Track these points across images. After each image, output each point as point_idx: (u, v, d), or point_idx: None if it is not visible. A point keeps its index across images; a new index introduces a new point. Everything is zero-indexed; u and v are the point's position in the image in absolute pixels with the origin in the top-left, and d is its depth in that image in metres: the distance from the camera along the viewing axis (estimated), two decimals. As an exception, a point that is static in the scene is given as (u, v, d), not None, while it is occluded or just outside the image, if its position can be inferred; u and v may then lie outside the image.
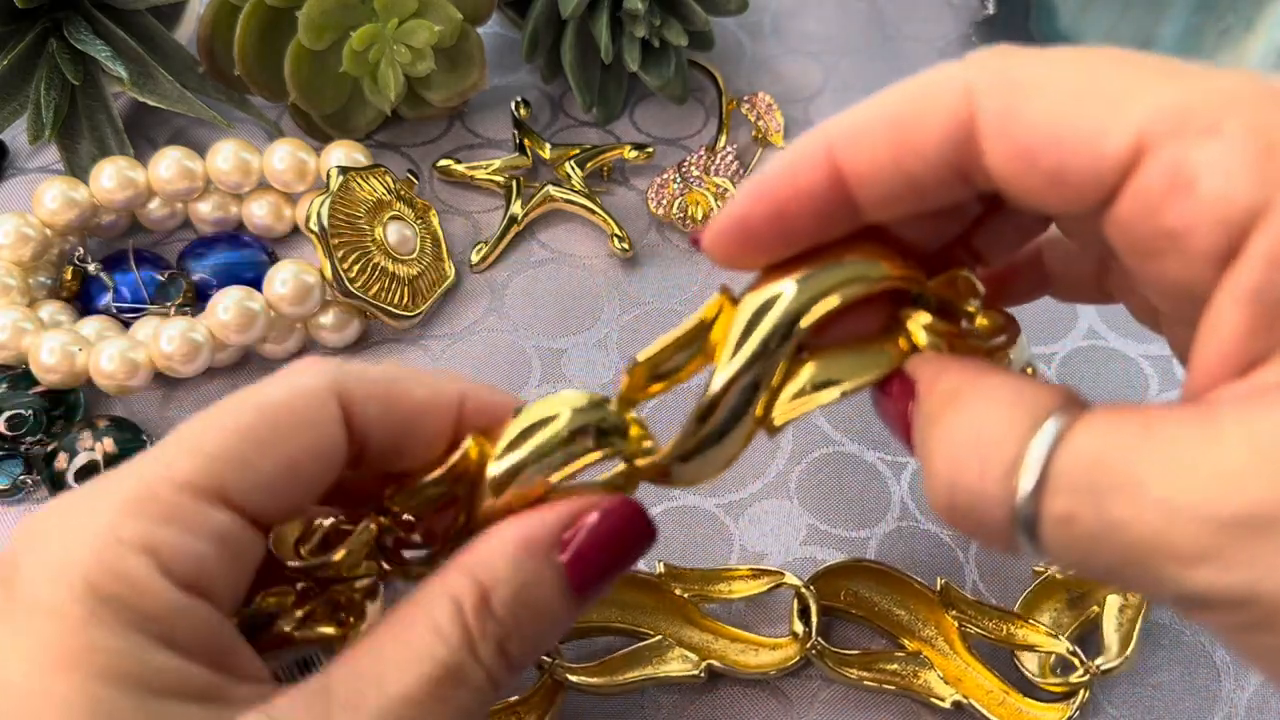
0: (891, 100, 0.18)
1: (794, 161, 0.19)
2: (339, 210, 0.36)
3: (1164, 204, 0.15)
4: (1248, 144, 0.15)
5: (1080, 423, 0.16)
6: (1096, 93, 0.16)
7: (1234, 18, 0.43)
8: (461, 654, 0.19)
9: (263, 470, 0.19)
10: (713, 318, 0.20)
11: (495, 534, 0.20)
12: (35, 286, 0.36)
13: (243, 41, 0.37)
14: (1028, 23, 0.46)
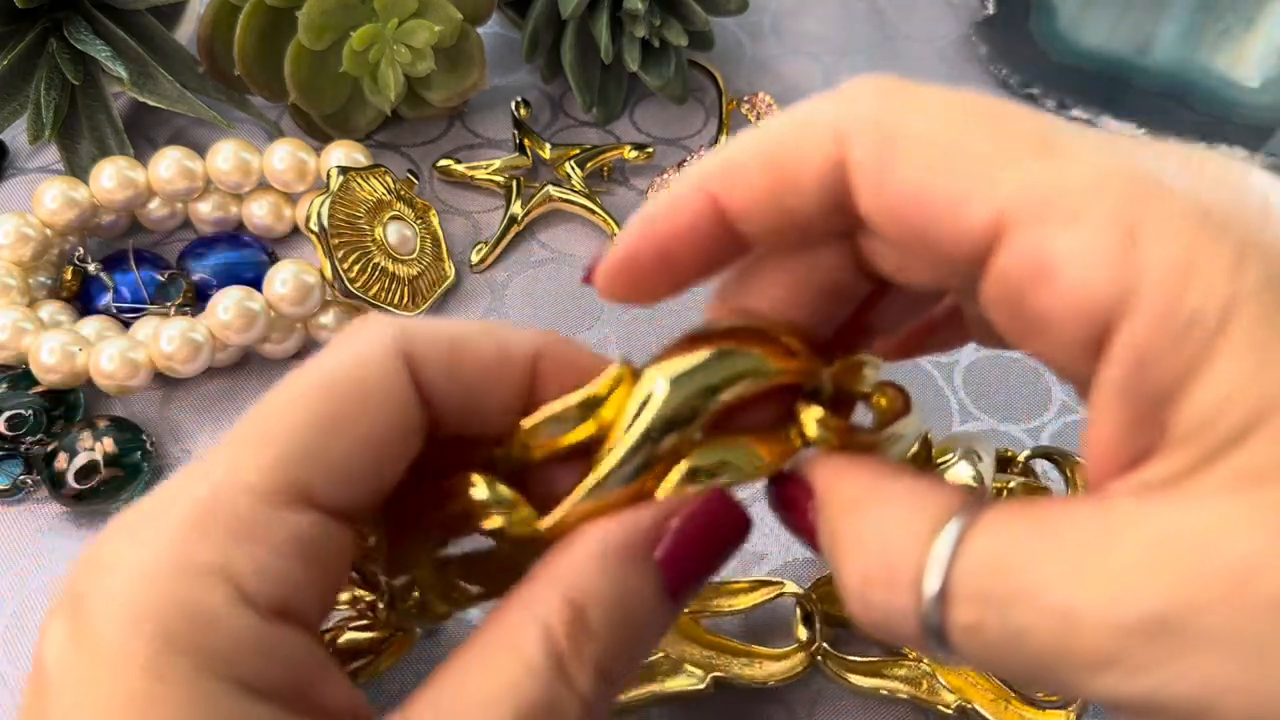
0: (767, 138, 0.17)
1: (674, 200, 0.18)
2: (339, 210, 0.36)
3: (1027, 289, 0.15)
4: (1109, 235, 0.14)
5: (977, 526, 0.15)
6: (964, 158, 0.15)
7: (1234, 17, 0.43)
8: (553, 685, 0.16)
9: (340, 456, 0.17)
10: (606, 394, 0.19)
11: (580, 543, 0.18)
12: (35, 286, 0.35)
13: (243, 41, 0.37)
14: (1028, 23, 0.46)
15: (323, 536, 0.17)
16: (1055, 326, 0.15)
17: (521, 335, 0.19)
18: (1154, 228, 0.14)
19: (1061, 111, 0.45)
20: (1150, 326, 0.14)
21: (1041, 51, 0.46)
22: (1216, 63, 0.44)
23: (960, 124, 0.16)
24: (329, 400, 0.17)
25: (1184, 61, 0.44)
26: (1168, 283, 0.14)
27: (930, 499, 0.16)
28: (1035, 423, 0.35)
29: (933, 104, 0.16)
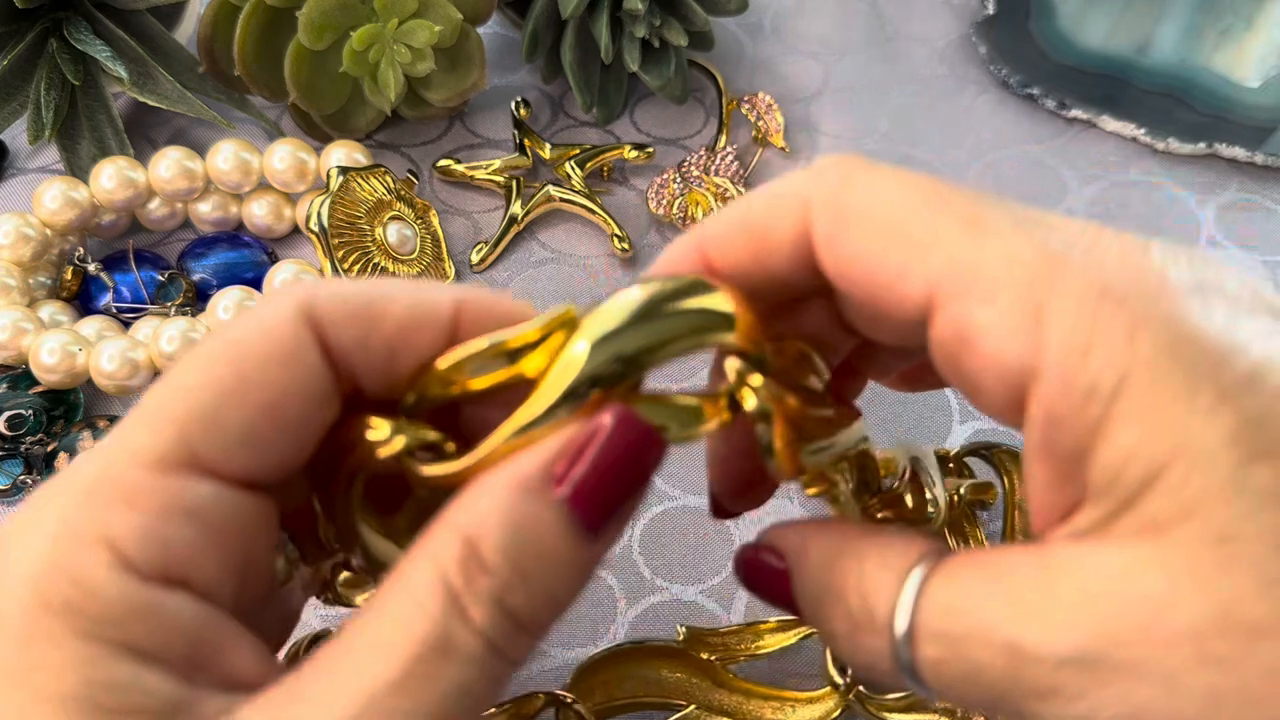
0: (747, 208, 0.20)
1: (675, 258, 0.20)
2: (339, 210, 0.36)
3: (957, 354, 0.17)
4: (1016, 312, 0.16)
5: (936, 573, 0.17)
6: (902, 237, 0.17)
7: (1234, 17, 0.43)
8: (447, 622, 0.16)
9: (238, 423, 0.17)
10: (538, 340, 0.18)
11: (478, 483, 0.17)
12: (35, 286, 0.36)
13: (243, 41, 0.37)
14: (1028, 23, 0.46)
15: (220, 504, 0.17)
16: (983, 387, 0.17)
17: (439, 290, 0.19)
18: (1057, 305, 0.16)
19: (1061, 111, 0.45)
20: (1055, 394, 0.16)
21: (1041, 51, 0.46)
22: (1216, 63, 0.43)
23: (901, 204, 0.18)
24: (225, 367, 0.17)
25: (1184, 61, 0.44)
26: (1068, 356, 0.16)
27: (896, 550, 0.18)
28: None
29: (883, 185, 0.18)
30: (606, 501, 0.17)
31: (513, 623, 0.17)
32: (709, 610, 0.31)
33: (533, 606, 0.17)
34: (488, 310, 0.19)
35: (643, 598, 0.31)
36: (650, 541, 0.32)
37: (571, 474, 0.17)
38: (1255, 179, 0.43)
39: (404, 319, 0.18)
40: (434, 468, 0.19)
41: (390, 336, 0.18)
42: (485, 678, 0.16)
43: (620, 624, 0.31)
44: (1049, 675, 0.16)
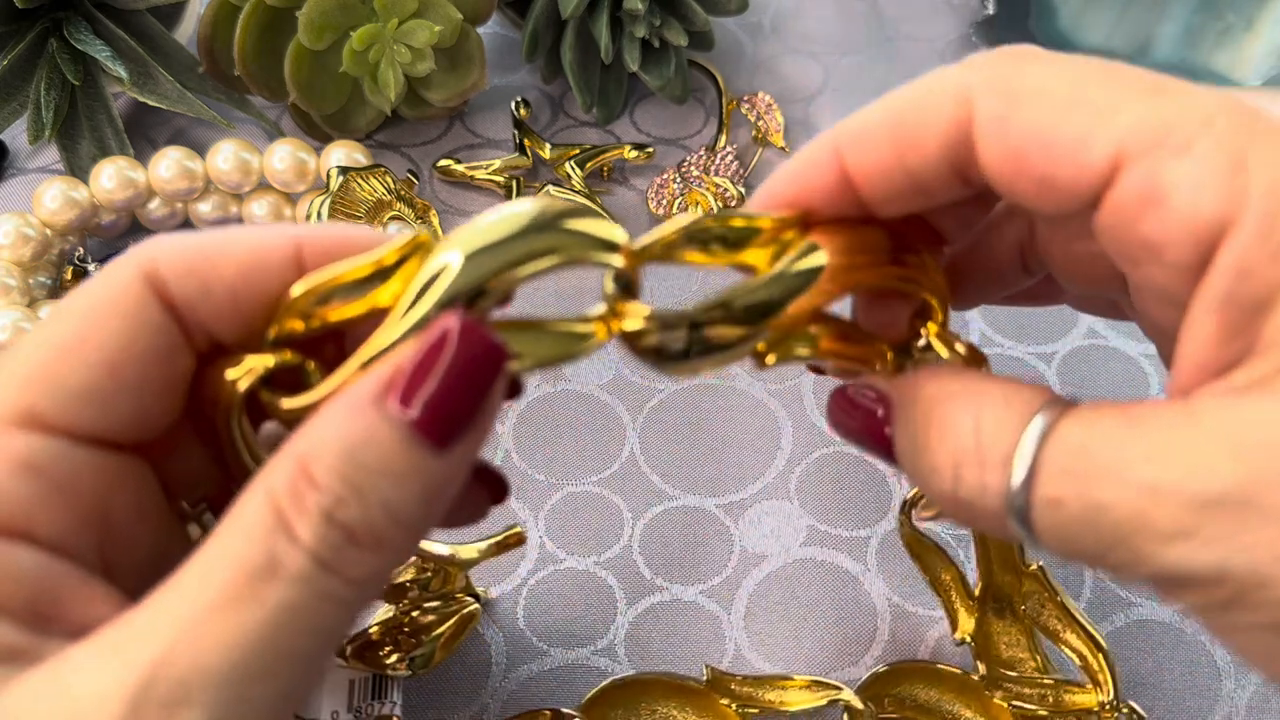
0: (895, 103, 0.19)
1: (805, 162, 0.20)
2: (339, 210, 0.36)
3: (1140, 215, 0.17)
4: (1216, 162, 0.16)
5: (1068, 416, 0.17)
6: (1083, 105, 0.17)
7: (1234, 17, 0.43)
8: (270, 541, 0.16)
9: (77, 380, 0.17)
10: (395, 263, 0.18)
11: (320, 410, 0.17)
12: (35, 286, 0.36)
13: (243, 41, 0.37)
14: (1028, 23, 0.46)
15: (63, 460, 0.17)
16: (1166, 248, 0.17)
17: (278, 229, 0.19)
18: (1259, 156, 0.16)
19: (1061, 111, 0.45)
20: (1252, 243, 0.16)
21: (1041, 51, 0.46)
22: (1216, 63, 0.43)
23: (1076, 78, 0.17)
24: (63, 326, 0.17)
25: (1184, 61, 0.44)
26: (1271, 204, 0.15)
27: (1024, 393, 0.18)
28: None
29: (1048, 64, 0.18)
30: (447, 413, 0.17)
31: (345, 536, 0.16)
32: (709, 610, 0.31)
33: (368, 519, 0.16)
34: (332, 243, 0.19)
35: (643, 598, 0.31)
36: (650, 541, 0.32)
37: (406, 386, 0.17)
38: (1255, 179, 0.43)
39: (244, 262, 0.18)
40: (292, 400, 0.18)
41: (231, 281, 0.18)
42: (317, 596, 0.16)
43: (620, 624, 0.31)
44: (1187, 516, 0.15)
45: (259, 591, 0.15)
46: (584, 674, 0.30)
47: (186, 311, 0.18)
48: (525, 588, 0.31)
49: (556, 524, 0.32)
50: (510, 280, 0.18)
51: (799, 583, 0.31)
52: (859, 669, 0.30)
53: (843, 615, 0.31)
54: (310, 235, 0.19)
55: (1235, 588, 0.15)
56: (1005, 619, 0.29)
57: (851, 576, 0.32)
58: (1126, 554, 0.16)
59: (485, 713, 0.29)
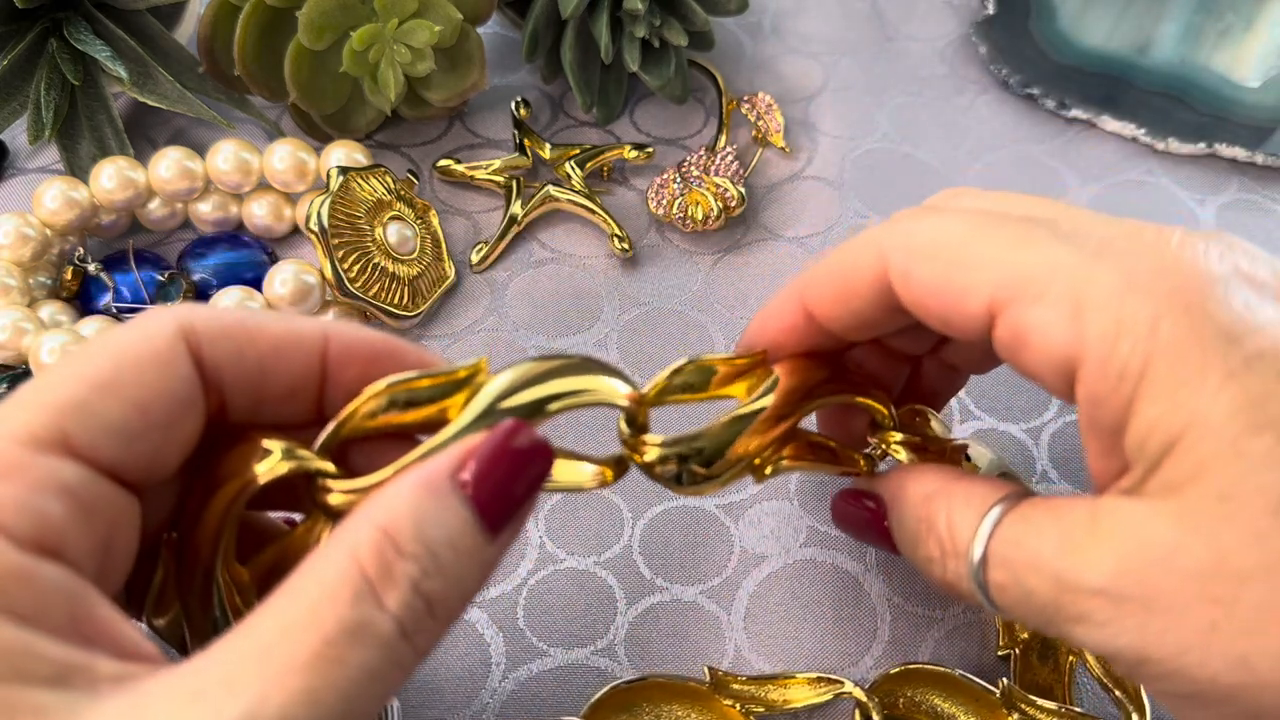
0: (836, 259, 0.24)
1: (777, 308, 0.25)
2: (339, 210, 0.36)
3: (1017, 352, 0.20)
4: (1061, 308, 0.19)
5: (1013, 512, 0.21)
6: (962, 262, 0.21)
7: (1234, 17, 0.43)
8: (359, 604, 0.17)
9: (109, 415, 0.18)
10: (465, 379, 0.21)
11: (388, 486, 0.19)
12: (35, 286, 0.36)
13: (243, 41, 0.37)
14: (1028, 23, 0.46)
15: (89, 487, 0.18)
16: (1042, 377, 0.20)
17: (309, 321, 0.21)
18: (1093, 300, 0.19)
19: (1061, 111, 0.45)
20: (1094, 378, 0.19)
21: (1041, 51, 0.46)
22: (1216, 63, 0.43)
23: (960, 236, 0.21)
24: (104, 367, 0.18)
25: (1184, 61, 0.44)
26: (1103, 344, 0.18)
27: (980, 492, 0.22)
28: (1035, 422, 0.35)
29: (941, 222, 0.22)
30: (505, 500, 0.19)
31: (426, 608, 0.17)
32: (709, 611, 0.31)
33: (446, 593, 0.18)
34: (355, 341, 0.21)
35: (643, 598, 0.31)
36: (650, 541, 0.32)
37: (474, 471, 0.19)
38: (1255, 179, 0.43)
39: (277, 342, 0.20)
40: (349, 483, 0.20)
41: (263, 357, 0.20)
42: (392, 663, 0.17)
43: (620, 624, 0.31)
44: (1082, 602, 0.19)
45: (345, 653, 0.16)
46: (584, 674, 0.30)
47: (212, 374, 0.20)
48: (525, 588, 0.31)
49: (556, 524, 0.32)
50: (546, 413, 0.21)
51: (799, 583, 0.31)
52: (859, 669, 0.30)
53: (843, 615, 0.31)
54: (338, 330, 0.21)
55: (1127, 663, 0.19)
56: (1047, 664, 0.29)
57: (851, 576, 0.32)
58: (1055, 630, 0.20)
59: (485, 713, 0.29)
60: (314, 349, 0.21)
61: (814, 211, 0.41)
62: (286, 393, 0.21)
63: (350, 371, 0.21)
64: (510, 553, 0.32)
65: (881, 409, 0.26)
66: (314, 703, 0.16)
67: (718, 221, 0.39)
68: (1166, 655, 0.18)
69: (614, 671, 0.30)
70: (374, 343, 0.21)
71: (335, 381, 0.21)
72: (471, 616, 0.30)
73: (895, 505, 0.24)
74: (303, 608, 0.16)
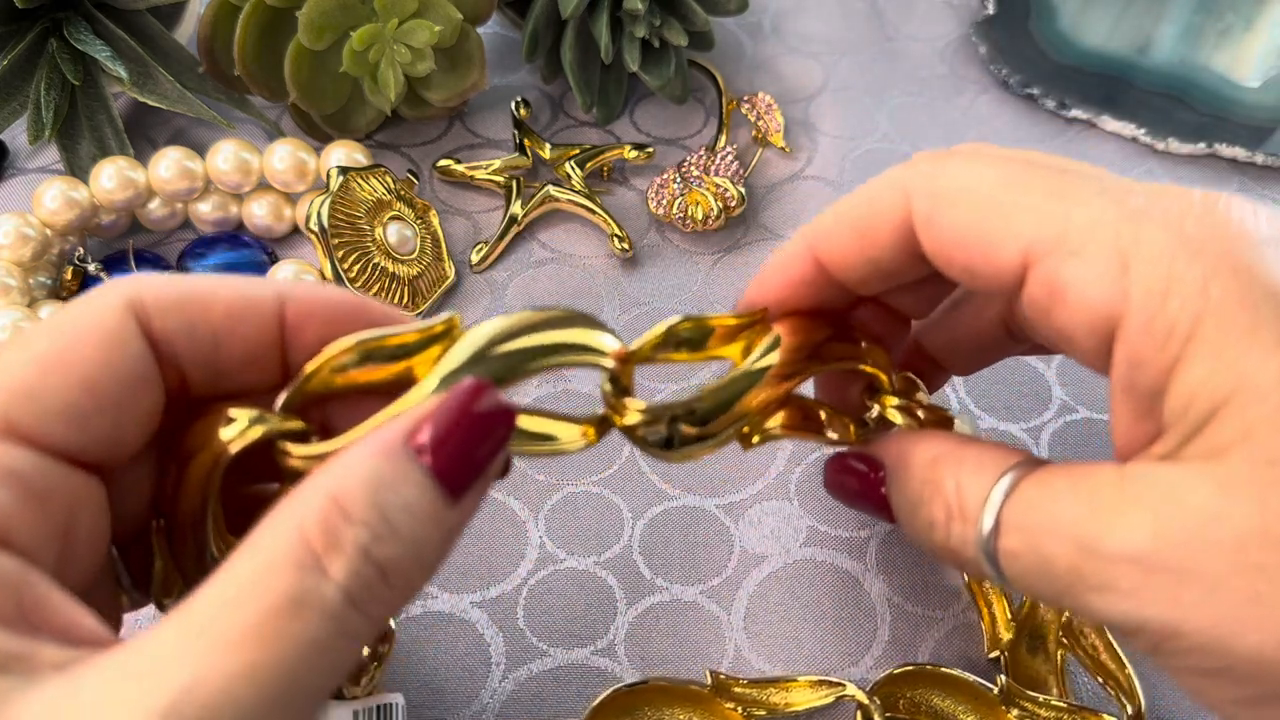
0: (852, 203, 0.22)
1: (785, 259, 0.23)
2: (339, 210, 0.36)
3: (1050, 309, 0.19)
4: (1105, 263, 0.18)
5: (1029, 477, 0.20)
6: (997, 208, 0.19)
7: (1234, 17, 0.43)
8: (303, 575, 0.16)
9: (55, 397, 0.17)
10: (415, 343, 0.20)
11: (341, 452, 0.18)
12: (35, 286, 0.36)
13: (243, 41, 0.37)
14: (1028, 23, 0.46)
15: (40, 472, 0.17)
16: (1074, 338, 0.19)
17: (264, 283, 0.20)
18: (1139, 256, 0.18)
19: (1061, 111, 0.45)
20: (1137, 337, 0.18)
21: (1041, 51, 0.46)
22: (1216, 63, 0.43)
23: (992, 180, 0.20)
24: (46, 343, 0.18)
25: (1184, 61, 0.44)
26: (1149, 301, 0.18)
27: (996, 456, 0.21)
28: (1035, 422, 0.35)
29: (971, 165, 0.20)
30: (465, 464, 0.18)
31: (379, 575, 0.17)
32: (709, 611, 0.31)
33: (402, 560, 0.17)
34: (314, 301, 0.20)
35: (643, 598, 0.31)
36: (650, 541, 0.32)
37: (431, 435, 0.18)
38: (1255, 179, 0.43)
39: (230, 308, 0.19)
40: (307, 448, 0.19)
41: (217, 325, 0.19)
42: (340, 633, 0.16)
43: (620, 624, 0.31)
44: (1108, 570, 0.18)
45: (287, 625, 0.15)
46: (584, 674, 0.30)
47: (165, 347, 0.19)
48: (525, 588, 0.31)
49: (556, 524, 0.32)
50: (523, 375, 0.20)
51: (799, 583, 0.31)
52: (859, 669, 0.30)
53: (843, 615, 0.31)
54: (295, 291, 0.20)
55: (1153, 637, 0.17)
56: (1037, 657, 0.29)
57: (851, 577, 0.32)
58: (1070, 601, 0.19)
59: (485, 713, 0.29)
60: (269, 312, 0.20)
61: (814, 211, 0.41)
62: (245, 360, 0.20)
63: (310, 333, 0.20)
64: (510, 553, 0.32)
65: (882, 374, 0.25)
66: (253, 678, 0.15)
67: (718, 221, 0.39)
68: (1200, 627, 0.17)
69: (614, 671, 0.30)
70: (335, 301, 0.20)
71: (295, 344, 0.20)
72: (471, 616, 0.30)
73: (897, 468, 0.23)
74: (242, 580, 0.16)
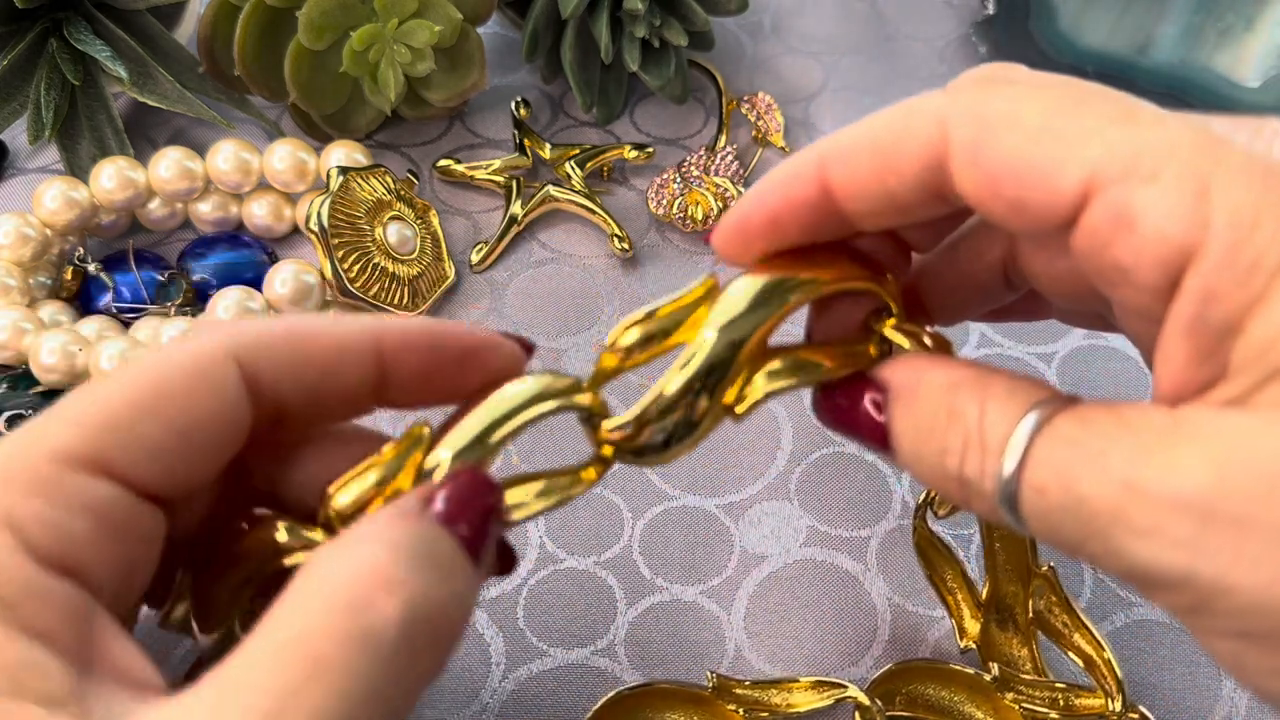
0: (876, 125, 0.20)
1: (789, 175, 0.20)
2: (339, 210, 0.36)
3: (1112, 240, 0.17)
4: (1182, 189, 0.16)
5: (1065, 412, 0.18)
6: (1055, 133, 0.18)
7: (1234, 17, 0.43)
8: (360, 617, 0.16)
9: (150, 438, 0.18)
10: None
11: (362, 520, 0.19)
12: (35, 286, 0.36)
13: (243, 41, 0.37)
14: (1028, 23, 0.46)
15: (122, 508, 0.17)
16: (1136, 271, 0.17)
17: (358, 326, 0.20)
18: (1222, 184, 0.16)
19: (1061, 111, 0.45)
20: (1216, 269, 0.16)
21: (1041, 51, 0.46)
22: (1216, 63, 0.43)
23: (1049, 104, 0.18)
24: (149, 387, 0.18)
25: (1184, 61, 0.44)
26: (1233, 232, 0.16)
27: (1026, 387, 0.19)
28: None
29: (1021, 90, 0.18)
30: (474, 524, 0.19)
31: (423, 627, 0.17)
32: (709, 610, 0.31)
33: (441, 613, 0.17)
34: (401, 333, 0.21)
35: (643, 598, 0.31)
36: (650, 541, 0.32)
37: (440, 498, 0.18)
38: (1255, 179, 0.43)
39: (330, 349, 0.20)
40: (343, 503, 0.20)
41: (318, 372, 0.20)
42: (391, 680, 0.16)
43: (620, 624, 0.31)
44: (1158, 515, 0.16)
45: (352, 666, 0.16)
46: (584, 674, 0.30)
47: (268, 391, 0.19)
48: (525, 588, 0.31)
49: (556, 524, 0.32)
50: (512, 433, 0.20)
51: (799, 583, 0.31)
52: (860, 669, 0.30)
53: (843, 615, 0.31)
54: (386, 327, 0.20)
55: (1200, 592, 0.16)
56: (1008, 630, 0.29)
57: (851, 576, 0.32)
58: (1102, 545, 0.17)
59: (485, 713, 0.29)
60: (368, 351, 0.20)
61: (814, 211, 0.41)
62: (347, 399, 0.21)
63: (408, 366, 0.21)
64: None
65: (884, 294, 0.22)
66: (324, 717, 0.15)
67: (718, 222, 0.39)
68: (1258, 584, 0.15)
69: (614, 672, 0.30)
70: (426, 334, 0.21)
71: (395, 377, 0.21)
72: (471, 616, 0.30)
73: (905, 391, 0.21)
74: (303, 622, 0.16)
